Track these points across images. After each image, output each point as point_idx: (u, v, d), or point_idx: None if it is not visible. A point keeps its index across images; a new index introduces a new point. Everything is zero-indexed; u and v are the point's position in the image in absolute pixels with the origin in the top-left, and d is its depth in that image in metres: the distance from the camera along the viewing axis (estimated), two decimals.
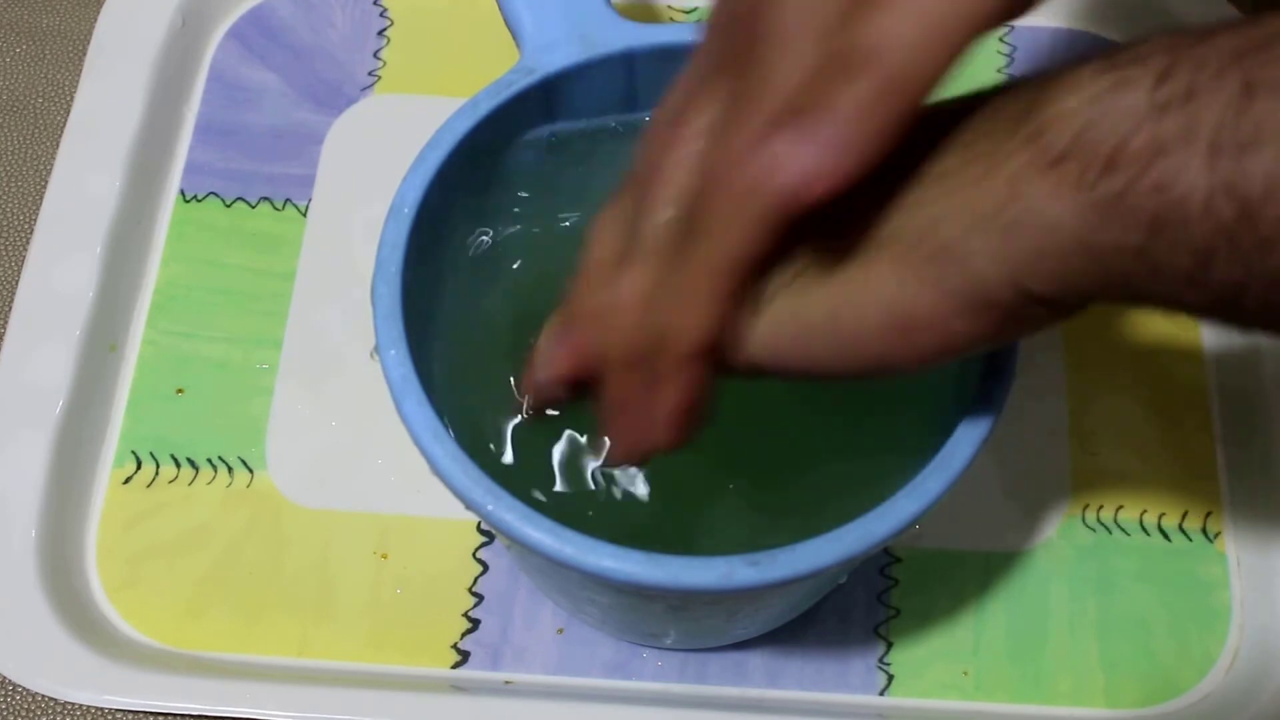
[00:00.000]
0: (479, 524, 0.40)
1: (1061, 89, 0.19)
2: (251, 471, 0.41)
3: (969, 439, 0.27)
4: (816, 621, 0.39)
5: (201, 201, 0.45)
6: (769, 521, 0.31)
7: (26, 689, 0.37)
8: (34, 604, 0.37)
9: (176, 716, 0.38)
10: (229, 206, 0.45)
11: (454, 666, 0.38)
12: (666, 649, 0.38)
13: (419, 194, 0.30)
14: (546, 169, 0.34)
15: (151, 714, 0.38)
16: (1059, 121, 0.19)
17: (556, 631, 0.39)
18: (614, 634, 0.38)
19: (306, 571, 0.39)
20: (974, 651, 0.39)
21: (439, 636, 0.39)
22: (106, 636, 0.38)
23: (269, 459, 0.41)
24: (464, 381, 0.32)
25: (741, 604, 0.31)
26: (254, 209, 0.45)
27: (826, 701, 0.38)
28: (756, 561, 0.25)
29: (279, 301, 0.43)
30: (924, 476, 0.26)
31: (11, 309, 0.41)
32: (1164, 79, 0.18)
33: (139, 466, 0.41)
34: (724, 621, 0.34)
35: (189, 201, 0.45)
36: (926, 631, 0.39)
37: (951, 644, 0.39)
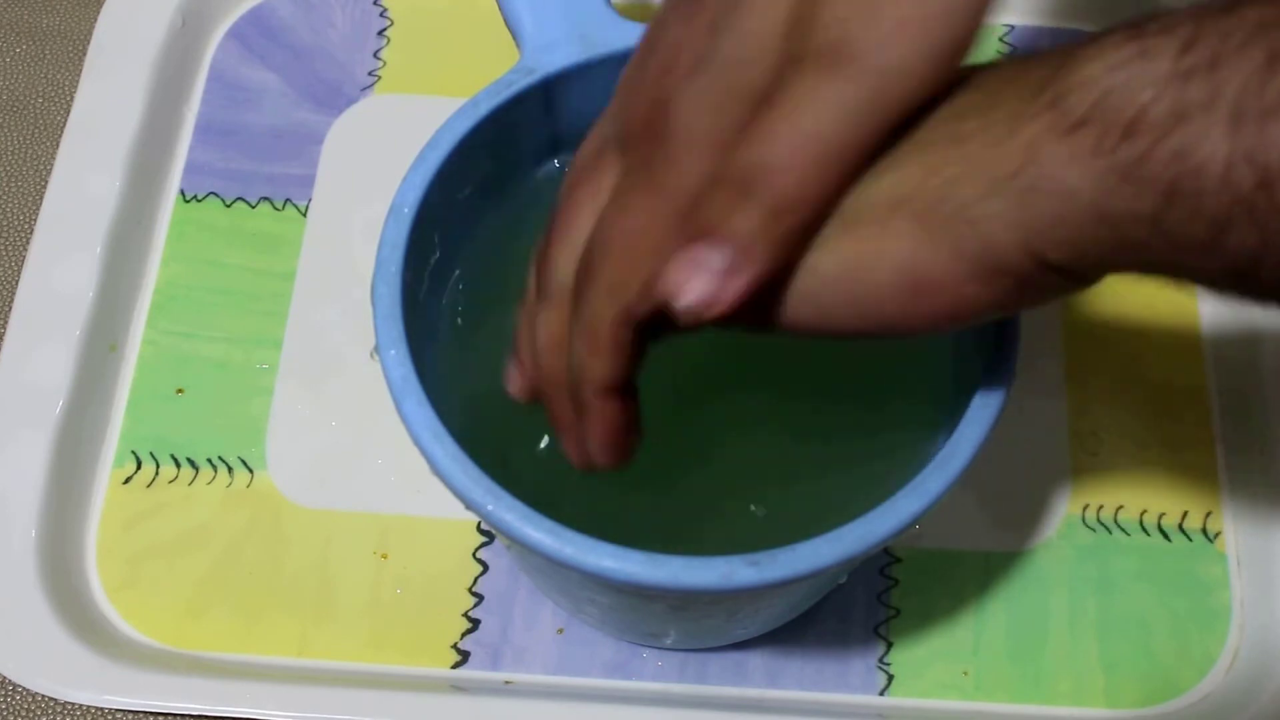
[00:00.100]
0: (479, 524, 0.40)
1: (1084, 57, 0.19)
2: (251, 471, 0.41)
3: (969, 439, 0.27)
4: (816, 621, 0.39)
5: (201, 201, 0.45)
6: (769, 521, 0.31)
7: (26, 689, 0.37)
8: (34, 604, 0.37)
9: (176, 716, 0.38)
10: (229, 206, 0.45)
11: (454, 666, 0.38)
12: (666, 649, 0.38)
13: (419, 194, 0.30)
14: (547, 169, 0.34)
15: (151, 714, 0.38)
16: (1080, 88, 0.19)
17: (556, 631, 0.39)
18: (614, 634, 0.38)
19: (306, 571, 0.39)
20: (974, 651, 0.39)
21: (439, 636, 0.39)
22: (106, 636, 0.38)
23: (269, 459, 0.41)
24: (464, 381, 0.32)
25: (742, 604, 0.31)
26: (254, 209, 0.45)
27: (826, 701, 0.38)
28: (756, 561, 0.25)
29: (279, 301, 0.43)
30: (924, 476, 0.26)
31: (11, 309, 0.41)
32: (1188, 48, 0.18)
33: (139, 466, 0.41)
34: (724, 621, 0.34)
35: (189, 201, 0.45)
36: (926, 631, 0.39)
37: (951, 644, 0.39)
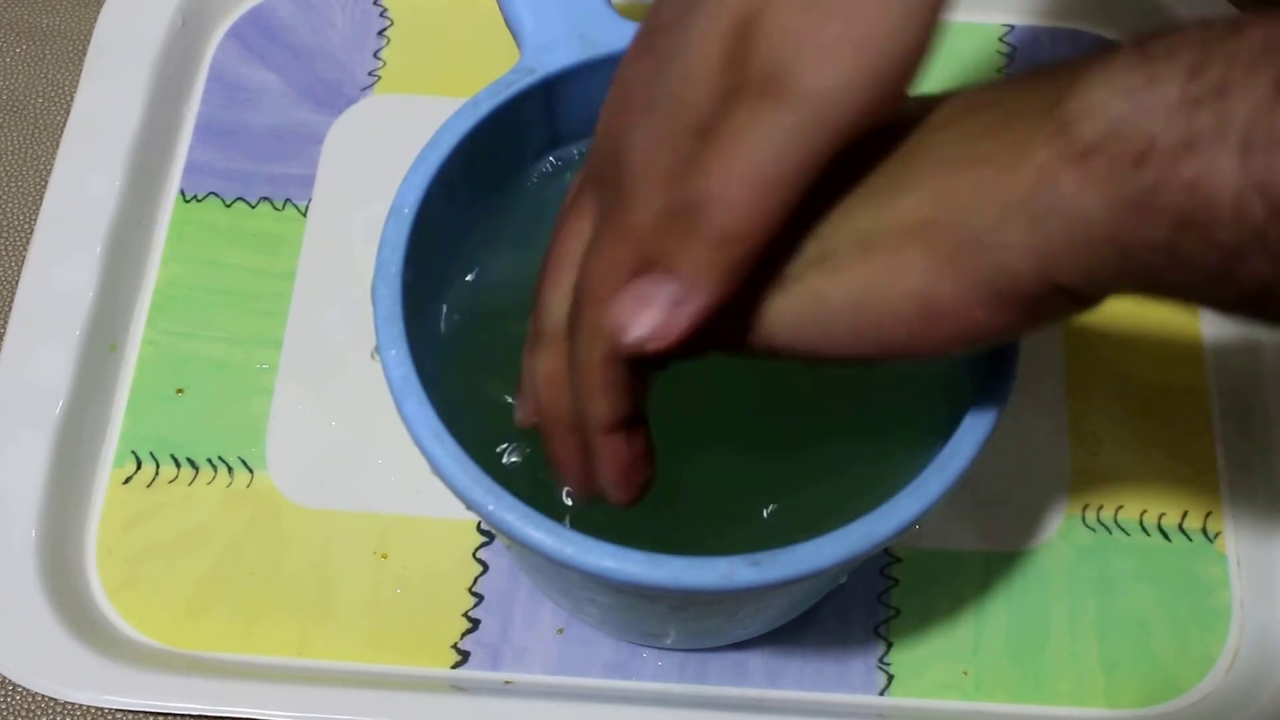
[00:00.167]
0: (479, 524, 0.40)
1: (1092, 80, 0.19)
2: (251, 471, 0.41)
3: (969, 439, 0.27)
4: (816, 621, 0.39)
5: (201, 201, 0.45)
6: (769, 521, 0.31)
7: (26, 689, 0.37)
8: (34, 604, 0.37)
9: (176, 716, 0.38)
10: (229, 206, 0.45)
11: (454, 666, 0.38)
12: (666, 649, 0.38)
13: (419, 194, 0.30)
14: (547, 169, 0.34)
15: (151, 714, 0.38)
16: (1089, 114, 0.19)
17: (556, 631, 0.39)
18: (614, 634, 0.38)
19: (306, 571, 0.39)
20: (974, 651, 0.39)
21: (439, 636, 0.39)
22: (106, 636, 0.38)
23: (269, 459, 0.41)
24: (465, 381, 0.32)
25: (742, 604, 0.31)
26: (254, 209, 0.45)
27: (826, 701, 0.38)
28: (757, 561, 0.25)
29: (279, 301, 0.43)
30: (924, 476, 0.26)
31: (11, 309, 0.41)
32: (1195, 74, 0.18)
33: (139, 466, 0.41)
34: (724, 621, 0.34)
35: (189, 201, 0.45)
36: (926, 631, 0.39)
37: (951, 644, 0.39)
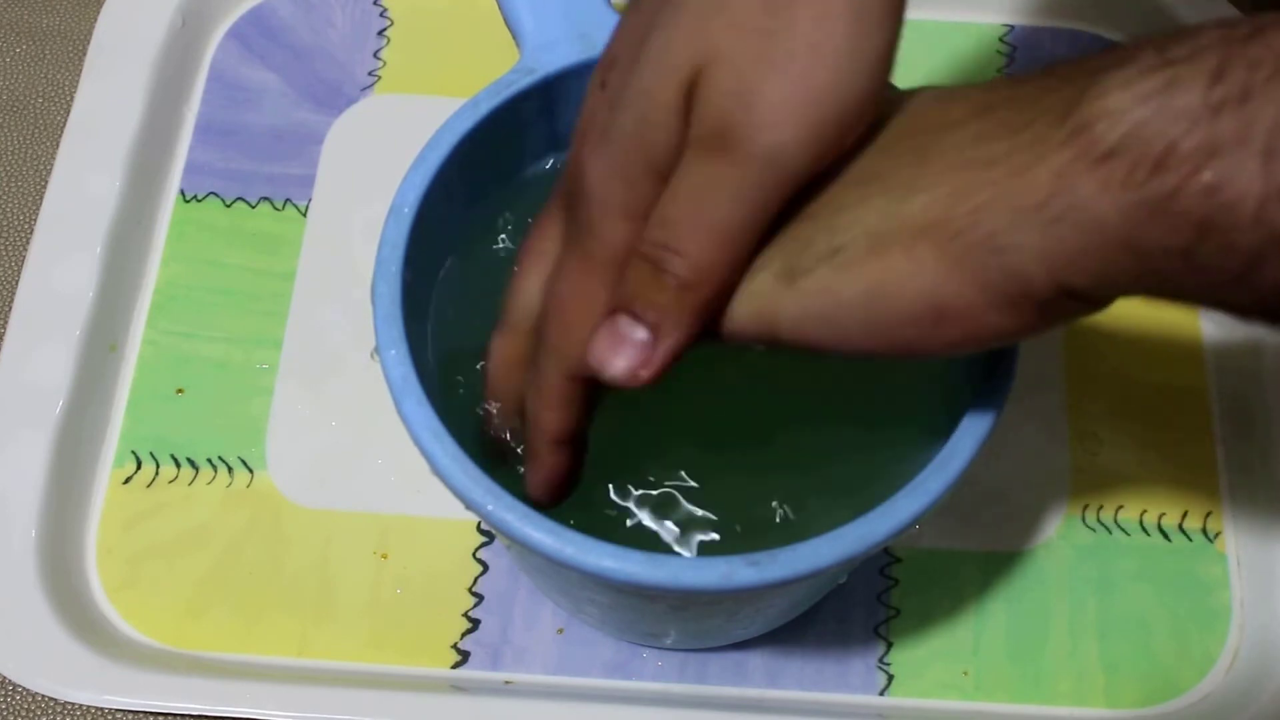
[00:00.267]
0: (479, 524, 0.40)
1: (1110, 82, 0.19)
2: (251, 471, 0.41)
3: (969, 439, 0.27)
4: (816, 621, 0.39)
5: (201, 201, 0.45)
6: (767, 521, 0.31)
7: (26, 689, 0.37)
8: (34, 604, 0.37)
9: (176, 716, 0.38)
10: (229, 206, 0.45)
11: (454, 666, 0.38)
12: (666, 649, 0.38)
13: (419, 194, 0.30)
14: (547, 169, 0.34)
15: (151, 714, 0.38)
16: (1108, 117, 0.19)
17: (556, 631, 0.39)
18: (614, 634, 0.38)
19: (306, 571, 0.39)
20: (974, 651, 0.39)
21: (439, 636, 0.39)
22: (106, 636, 0.38)
23: (269, 459, 0.41)
24: (465, 381, 0.32)
25: (742, 604, 0.31)
26: (254, 209, 0.45)
27: (826, 701, 0.38)
28: (756, 561, 0.25)
29: (279, 301, 0.43)
30: (924, 476, 0.26)
31: (11, 309, 0.41)
32: (1218, 79, 0.18)
33: (139, 466, 0.41)
34: (724, 621, 0.34)
35: (189, 201, 0.45)
36: (926, 631, 0.39)
37: (951, 644, 0.39)
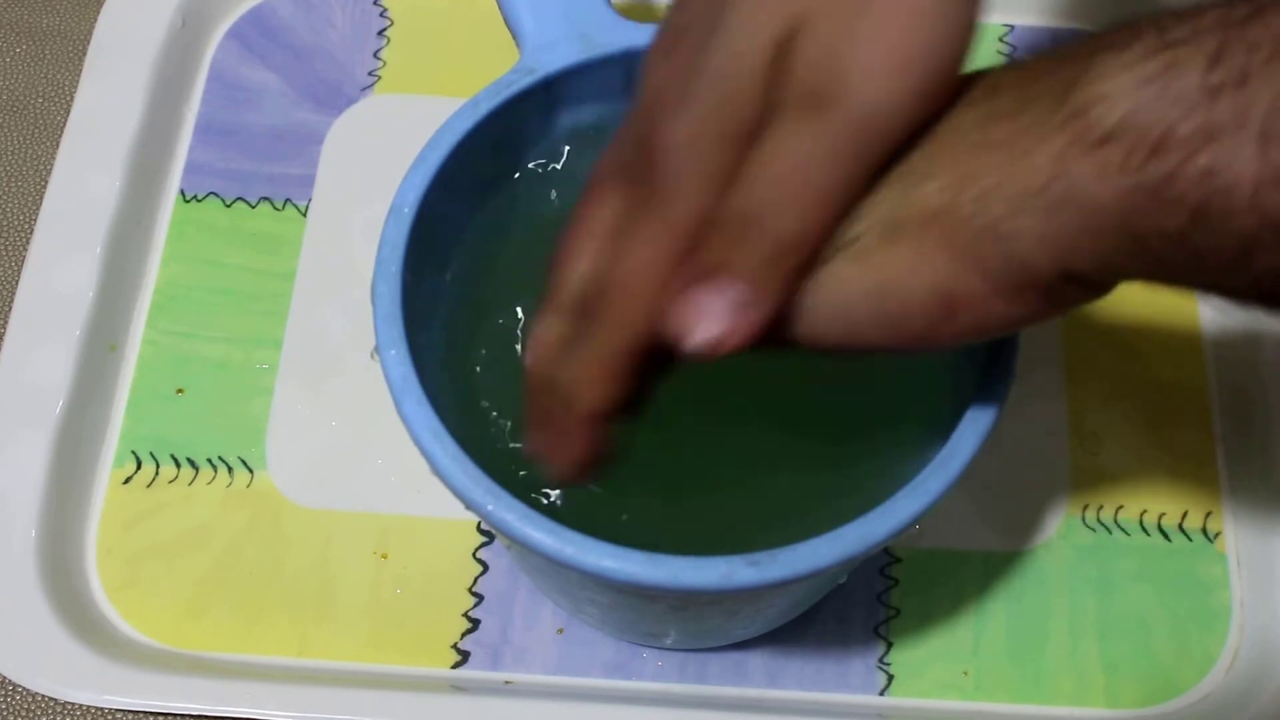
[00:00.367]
0: (479, 524, 0.40)
1: (1108, 65, 0.19)
2: (251, 471, 0.41)
3: (969, 439, 0.27)
4: (816, 621, 0.39)
5: (201, 201, 0.45)
6: (769, 521, 0.31)
7: (26, 689, 0.37)
8: (34, 604, 0.37)
9: (176, 716, 0.38)
10: (229, 206, 0.45)
11: (454, 666, 0.38)
12: (666, 649, 0.38)
13: (419, 194, 0.30)
14: (547, 170, 0.34)
15: (151, 714, 0.38)
16: (1106, 100, 0.19)
17: (556, 631, 0.39)
18: (614, 634, 0.38)
19: (306, 571, 0.39)
20: (974, 651, 0.39)
21: (439, 636, 0.39)
22: (106, 636, 0.38)
23: (269, 459, 0.41)
24: (465, 381, 0.32)
25: (742, 604, 0.31)
26: (254, 209, 0.45)
27: (826, 701, 0.38)
28: (756, 561, 0.25)
29: (279, 301, 0.43)
30: (924, 476, 0.26)
31: (11, 309, 0.41)
32: (1216, 62, 0.18)
33: (139, 466, 0.41)
34: (724, 621, 0.34)
35: (189, 201, 0.45)
36: (926, 631, 0.39)
37: (951, 644, 0.39)
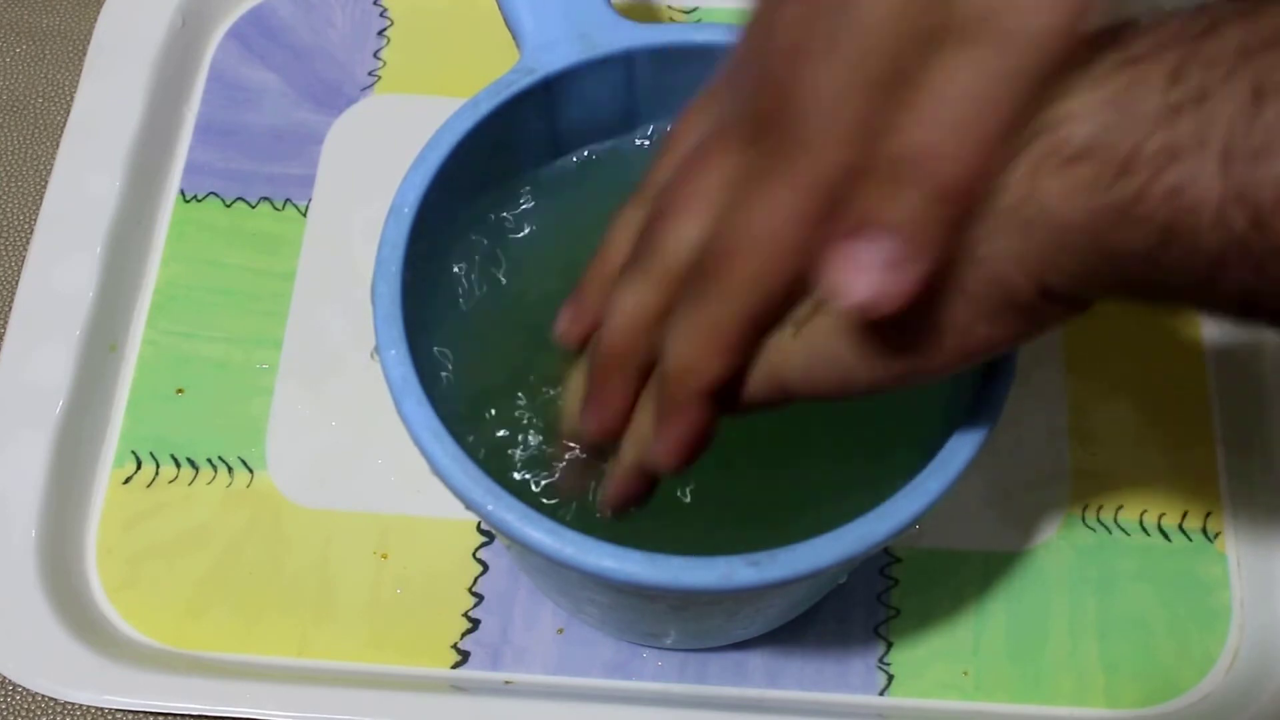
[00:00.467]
0: (479, 524, 0.40)
1: (1076, 81, 0.19)
2: (251, 471, 0.41)
3: (969, 439, 0.27)
4: (816, 621, 0.39)
5: (201, 201, 0.45)
6: (769, 521, 0.31)
7: (26, 689, 0.37)
8: (34, 604, 0.37)
9: (176, 716, 0.38)
10: (229, 206, 0.45)
11: (454, 666, 0.38)
12: (666, 649, 0.38)
13: (419, 194, 0.30)
14: (547, 169, 0.34)
15: (151, 714, 0.38)
16: (1075, 119, 0.19)
17: (556, 631, 0.39)
18: (614, 634, 0.38)
19: (306, 571, 0.39)
20: (974, 651, 0.39)
21: (439, 636, 0.39)
22: (106, 636, 0.38)
23: (269, 459, 0.41)
24: (464, 381, 0.32)
25: (742, 604, 0.31)
26: (254, 209, 0.45)
27: (826, 701, 0.38)
28: (756, 561, 0.25)
29: (279, 301, 0.43)
30: (924, 476, 0.26)
31: (11, 309, 0.41)
32: (1176, 79, 0.18)
33: (139, 466, 0.41)
34: (724, 621, 0.34)
35: (189, 201, 0.45)
36: (926, 631, 0.39)
37: (951, 644, 0.39)
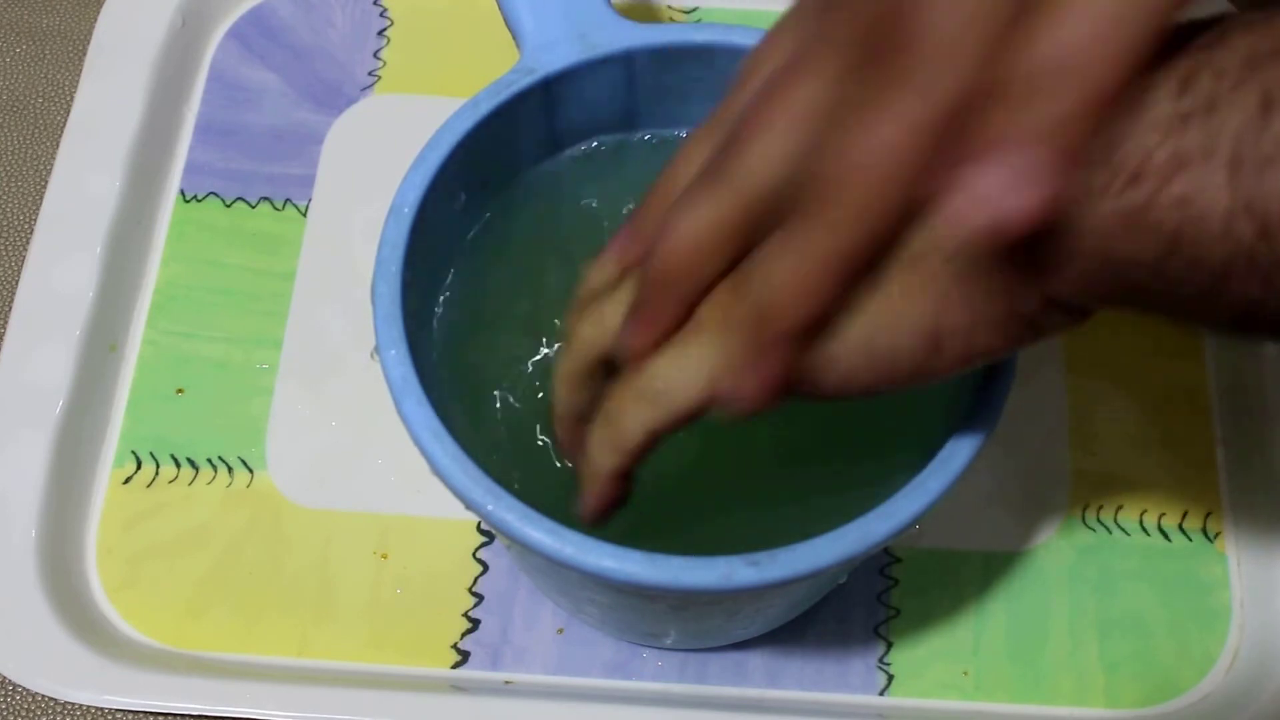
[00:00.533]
0: (479, 524, 0.40)
1: None
2: (251, 471, 0.41)
3: (969, 439, 0.27)
4: (816, 621, 0.39)
5: (201, 201, 0.45)
6: (769, 521, 0.31)
7: (26, 689, 0.37)
8: (34, 604, 0.37)
9: (176, 716, 0.38)
10: (229, 206, 0.45)
11: (454, 666, 0.38)
12: (666, 649, 0.38)
13: (419, 194, 0.30)
14: (547, 169, 0.34)
15: (151, 714, 0.38)
16: None
17: (556, 631, 0.39)
18: (614, 634, 0.38)
19: (306, 571, 0.39)
20: (974, 651, 0.39)
21: (439, 636, 0.39)
22: (106, 636, 0.38)
23: (269, 459, 0.41)
24: (464, 381, 0.32)
25: (742, 604, 0.31)
26: (254, 209, 0.45)
27: (826, 701, 0.38)
28: (756, 561, 0.25)
29: (279, 301, 0.43)
30: (924, 476, 0.26)
31: (11, 309, 0.41)
32: (1185, 88, 0.18)
33: (139, 466, 0.41)
34: (724, 621, 0.34)
35: (189, 201, 0.45)
36: (926, 631, 0.39)
37: (951, 644, 0.39)
